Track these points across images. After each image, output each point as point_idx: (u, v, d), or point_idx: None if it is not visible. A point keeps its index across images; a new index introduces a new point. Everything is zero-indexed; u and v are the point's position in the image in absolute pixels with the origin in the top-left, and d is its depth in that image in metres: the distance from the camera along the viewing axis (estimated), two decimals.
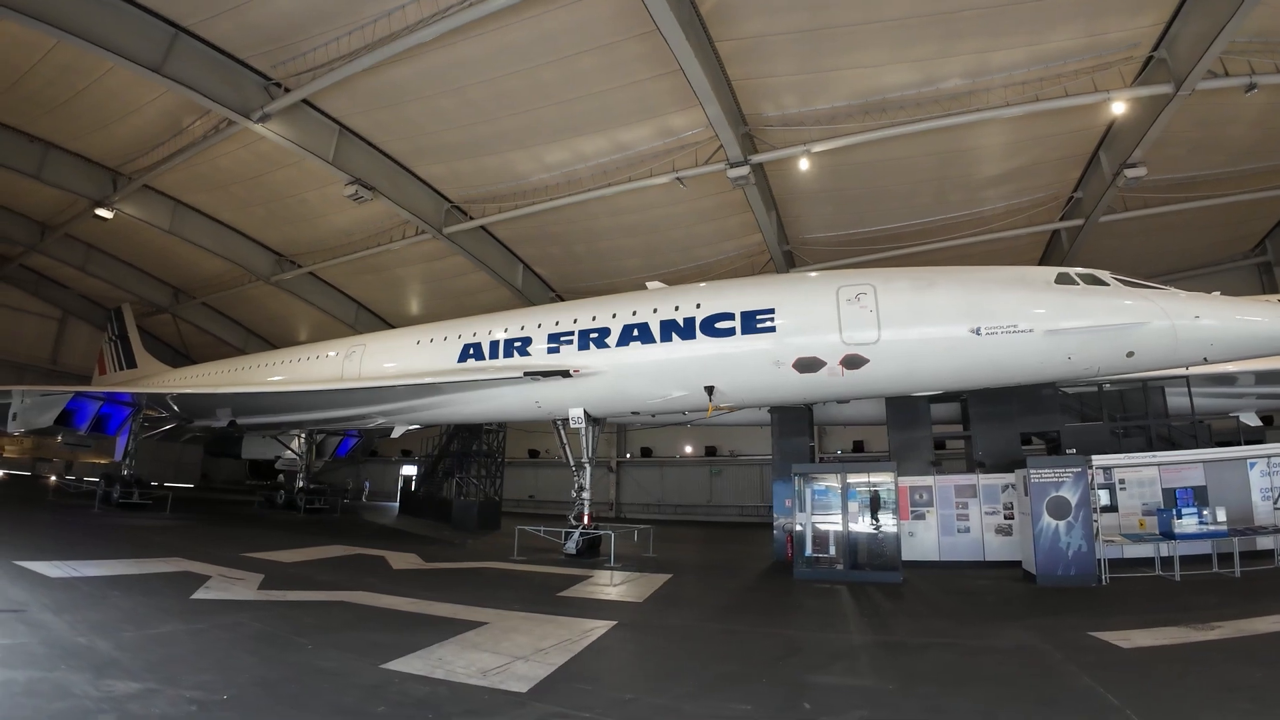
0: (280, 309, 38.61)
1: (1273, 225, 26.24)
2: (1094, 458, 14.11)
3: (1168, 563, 13.26)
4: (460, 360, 18.58)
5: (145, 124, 23.83)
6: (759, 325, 14.59)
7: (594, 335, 16.57)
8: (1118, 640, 8.43)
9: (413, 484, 38.07)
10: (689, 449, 38.99)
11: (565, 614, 10.19)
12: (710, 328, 15.11)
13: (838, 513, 14.69)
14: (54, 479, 38.51)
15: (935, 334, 13.38)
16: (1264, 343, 12.11)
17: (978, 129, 19.87)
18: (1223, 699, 6.34)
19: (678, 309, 15.74)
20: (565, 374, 16.60)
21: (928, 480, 16.60)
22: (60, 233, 33.25)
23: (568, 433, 18.60)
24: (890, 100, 18.91)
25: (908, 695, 6.55)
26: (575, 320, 17.19)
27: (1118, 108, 18.24)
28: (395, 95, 20.58)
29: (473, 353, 18.44)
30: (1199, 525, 13.23)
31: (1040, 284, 13.23)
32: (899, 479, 14.96)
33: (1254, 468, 14.32)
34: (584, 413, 17.42)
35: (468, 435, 29.95)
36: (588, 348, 16.60)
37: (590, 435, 18.06)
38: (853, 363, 13.84)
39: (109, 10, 17.65)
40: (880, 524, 14.38)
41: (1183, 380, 17.11)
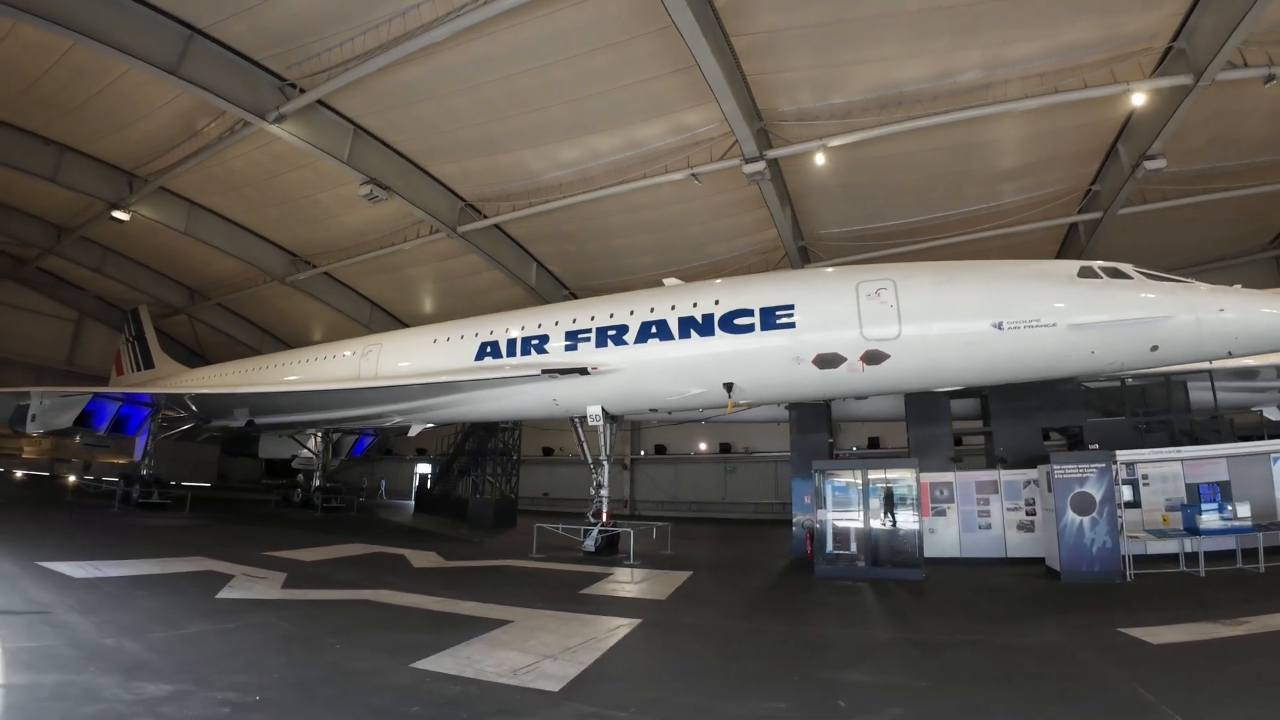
0: (295, 309, 38.76)
1: None
2: (1118, 453, 13.98)
3: (1191, 558, 13.15)
4: (477, 359, 18.59)
5: (160, 126, 23.95)
6: (778, 321, 14.53)
7: (612, 332, 16.55)
8: (1147, 636, 8.38)
9: (428, 482, 38.16)
10: (703, 446, 38.94)
11: (589, 612, 10.19)
12: (729, 324, 15.06)
13: (856, 509, 14.62)
14: (73, 479, 38.78)
15: (957, 329, 13.29)
16: None
17: (994, 122, 19.73)
18: (1256, 693, 6.35)
19: (696, 305, 15.69)
20: (583, 371, 16.58)
21: (948, 476, 16.51)
22: (76, 235, 33.46)
23: (585, 430, 18.58)
24: (906, 94, 18.76)
25: (941, 693, 6.49)
26: (593, 318, 17.17)
27: (1138, 99, 17.98)
28: (409, 94, 20.59)
29: (490, 351, 18.45)
30: (1221, 521, 13.14)
31: (1063, 277, 13.10)
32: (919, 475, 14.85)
33: (1277, 463, 14.11)
34: (602, 410, 17.41)
35: (483, 433, 30.02)
36: (606, 345, 16.57)
37: (608, 433, 18.04)
38: (873, 358, 13.76)
39: (124, 12, 17.75)
40: (895, 521, 14.32)
41: (1205, 374, 16.93)
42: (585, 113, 20.63)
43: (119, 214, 28.05)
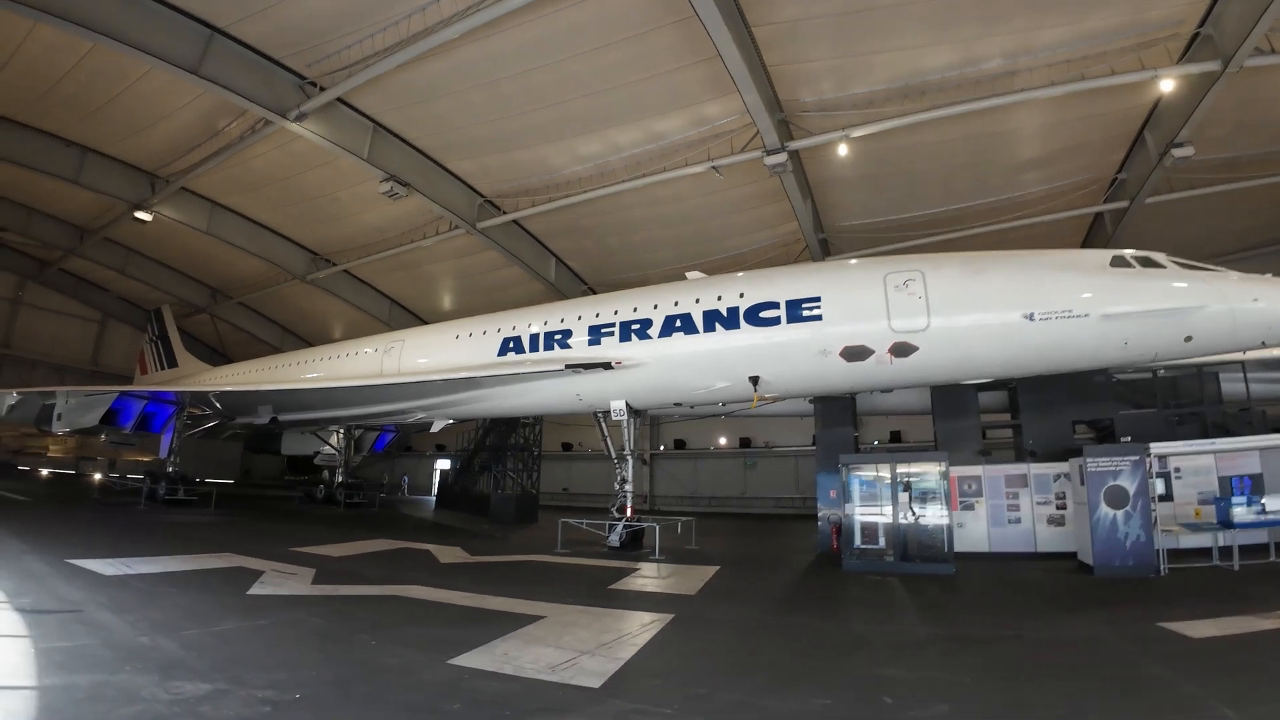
0: (315, 307, 38.97)
1: None
2: (1151, 446, 13.75)
3: (1225, 552, 13.01)
4: (500, 354, 18.55)
5: (181, 127, 24.11)
6: (804, 314, 14.36)
7: (635, 326, 16.43)
8: (1186, 631, 8.32)
9: (449, 478, 38.31)
10: (723, 441, 38.88)
11: (620, 607, 10.18)
12: (754, 317, 14.91)
13: (881, 504, 14.51)
14: (99, 477, 39.22)
15: (987, 320, 13.06)
16: None
17: (1018, 111, 19.41)
18: None
19: (720, 299, 15.54)
20: (607, 366, 16.48)
21: (976, 470, 16.35)
22: (99, 236, 33.82)
23: (609, 425, 18.53)
24: (930, 83, 18.52)
25: (986, 689, 6.40)
26: (616, 312, 17.08)
27: (1165, 85, 17.65)
28: (427, 91, 20.58)
29: (512, 346, 18.41)
30: (1255, 514, 12.96)
31: (1095, 267, 12.86)
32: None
33: None
34: (625, 405, 17.35)
35: (503, 429, 30.08)
36: (629, 339, 16.47)
37: (632, 427, 18.03)
38: (901, 351, 13.58)
39: (144, 12, 17.85)
40: (915, 515, 14.20)
41: (1237, 365, 16.67)
42: (604, 106, 20.52)
43: (141, 215, 28.30)
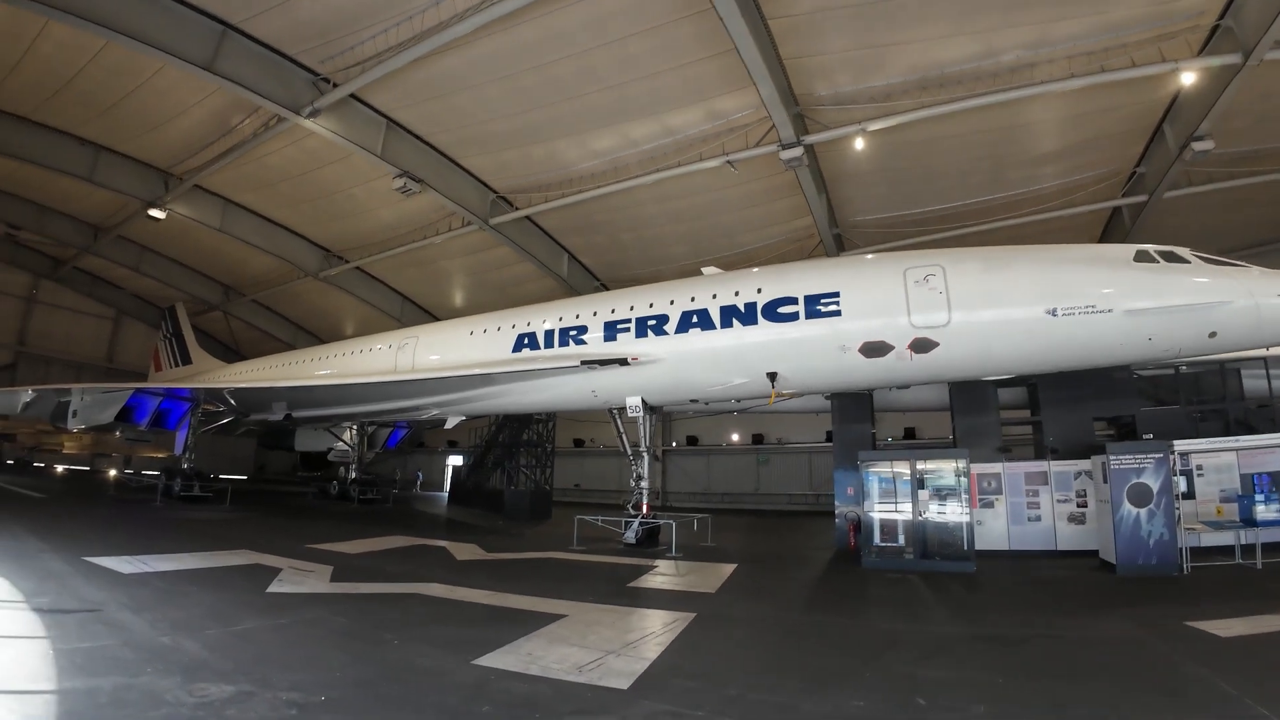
0: (328, 304, 39.07)
1: None
2: (1174, 443, 13.59)
3: (1247, 550, 12.89)
4: (515, 350, 18.47)
5: (194, 124, 24.16)
6: (823, 309, 14.21)
7: (652, 322, 16.32)
8: (1215, 630, 8.24)
9: (462, 474, 38.33)
10: (735, 437, 38.76)
11: (641, 605, 10.12)
12: (772, 313, 14.77)
13: (899, 501, 14.38)
14: (114, 473, 39.44)
15: (1009, 315, 12.91)
16: None
17: (1036, 103, 19.22)
18: None
19: (738, 294, 15.40)
20: (623, 362, 16.36)
21: (996, 467, 16.18)
22: (113, 234, 34.00)
23: (624, 421, 18.44)
24: (948, 75, 18.31)
25: (1021, 689, 6.30)
26: (632, 308, 16.97)
27: (1187, 78, 17.39)
28: (442, 86, 20.53)
29: (527, 342, 18.32)
30: (1276, 512, 12.81)
31: (1119, 262, 12.69)
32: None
33: None
34: (642, 401, 17.26)
35: (516, 425, 30.02)
36: (646, 335, 16.36)
37: (648, 424, 17.94)
38: (922, 346, 13.43)
39: (157, 9, 17.86)
40: (925, 511, 14.09)
41: (1259, 361, 16.47)
42: (621, 99, 20.39)
43: (155, 212, 28.39)
